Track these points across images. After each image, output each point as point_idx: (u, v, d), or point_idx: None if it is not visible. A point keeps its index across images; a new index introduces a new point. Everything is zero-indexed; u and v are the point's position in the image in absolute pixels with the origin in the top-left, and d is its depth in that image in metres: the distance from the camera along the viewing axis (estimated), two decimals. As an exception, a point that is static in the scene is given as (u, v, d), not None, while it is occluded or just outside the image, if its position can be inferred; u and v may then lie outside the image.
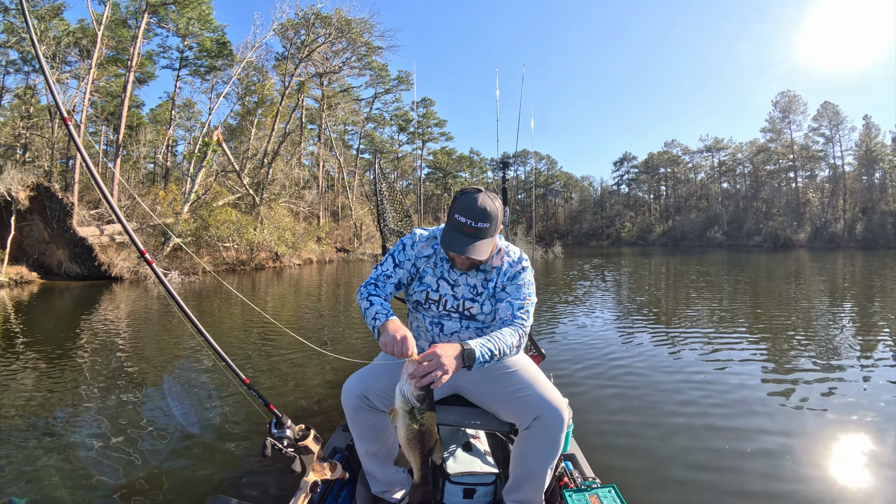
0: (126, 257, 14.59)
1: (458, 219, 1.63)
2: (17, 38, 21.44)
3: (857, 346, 5.55)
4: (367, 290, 1.75)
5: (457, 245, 1.63)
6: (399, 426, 1.44)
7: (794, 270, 17.64)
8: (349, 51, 28.54)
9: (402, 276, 1.83)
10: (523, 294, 1.74)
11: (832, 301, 9.43)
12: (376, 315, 1.61)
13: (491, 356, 1.52)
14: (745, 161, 58.00)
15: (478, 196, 1.65)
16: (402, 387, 1.40)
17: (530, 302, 1.75)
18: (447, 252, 1.75)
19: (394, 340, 1.46)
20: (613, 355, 5.20)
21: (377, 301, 1.68)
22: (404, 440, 1.46)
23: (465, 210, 1.63)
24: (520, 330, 1.66)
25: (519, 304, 1.71)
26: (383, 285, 1.79)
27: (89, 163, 1.57)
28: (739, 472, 2.64)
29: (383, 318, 1.59)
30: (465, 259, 1.71)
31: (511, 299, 1.72)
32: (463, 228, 1.63)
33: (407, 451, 1.48)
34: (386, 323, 1.57)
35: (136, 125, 29.04)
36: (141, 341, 6.27)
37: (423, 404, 1.40)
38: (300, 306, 9.77)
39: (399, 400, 1.41)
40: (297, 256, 21.68)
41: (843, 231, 45.77)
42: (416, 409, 1.40)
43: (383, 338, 1.51)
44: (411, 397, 1.38)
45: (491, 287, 1.78)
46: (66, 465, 2.73)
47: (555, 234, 61.11)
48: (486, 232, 1.64)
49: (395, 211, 3.91)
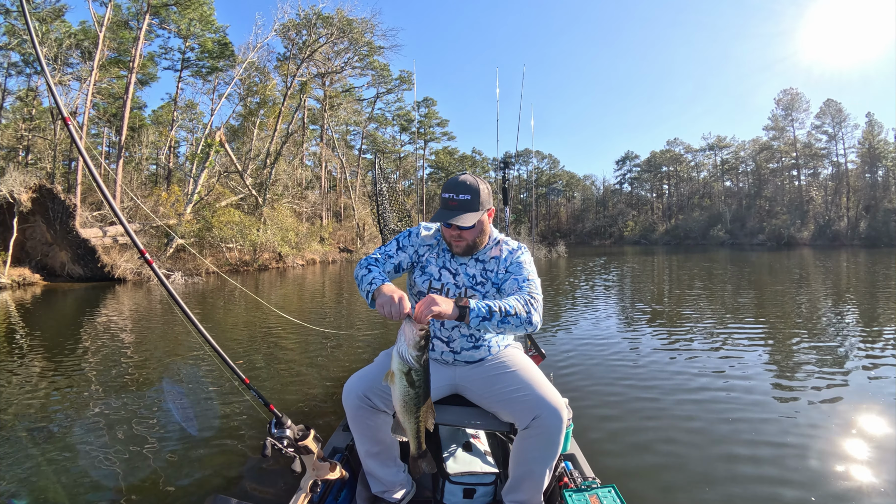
0: (129, 259, 14.62)
1: (444, 196, 1.76)
2: (18, 40, 21.50)
3: (863, 345, 5.52)
4: (367, 261, 1.82)
5: (442, 216, 1.73)
6: (395, 389, 1.45)
7: (797, 269, 17.58)
8: (351, 51, 28.56)
9: (404, 260, 1.88)
10: (526, 269, 1.81)
11: (836, 299, 9.40)
12: (373, 280, 1.66)
13: (489, 312, 1.53)
14: (747, 159, 57.78)
15: (459, 175, 1.78)
16: (401, 348, 1.41)
17: (535, 277, 1.80)
18: (441, 231, 1.86)
19: (390, 301, 1.48)
20: (614, 355, 5.19)
21: (375, 270, 1.74)
22: (400, 403, 1.46)
23: (448, 187, 1.76)
24: (526, 296, 1.66)
25: (524, 277, 1.76)
26: (384, 262, 1.84)
27: (89, 163, 1.58)
28: (740, 471, 2.63)
29: (379, 282, 1.63)
30: (457, 236, 1.79)
31: (515, 276, 1.79)
32: (448, 203, 1.74)
33: (402, 417, 1.48)
34: (381, 286, 1.60)
35: (139, 127, 29.10)
36: (143, 342, 6.28)
37: (420, 366, 1.41)
38: (304, 308, 9.78)
39: (396, 361, 1.42)
40: (300, 257, 21.71)
41: (847, 229, 45.58)
42: (413, 371, 1.41)
43: (380, 299, 1.54)
44: (410, 358, 1.40)
45: (492, 276, 1.84)
46: (66, 466, 2.74)
47: (557, 233, 60.95)
48: (468, 204, 1.73)
49: (395, 211, 3.91)
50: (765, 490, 2.43)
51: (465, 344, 1.86)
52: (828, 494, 2.38)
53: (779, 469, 2.63)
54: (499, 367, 1.84)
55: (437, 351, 1.88)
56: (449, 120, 53.19)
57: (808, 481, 2.51)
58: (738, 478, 2.56)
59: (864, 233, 43.76)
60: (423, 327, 1.39)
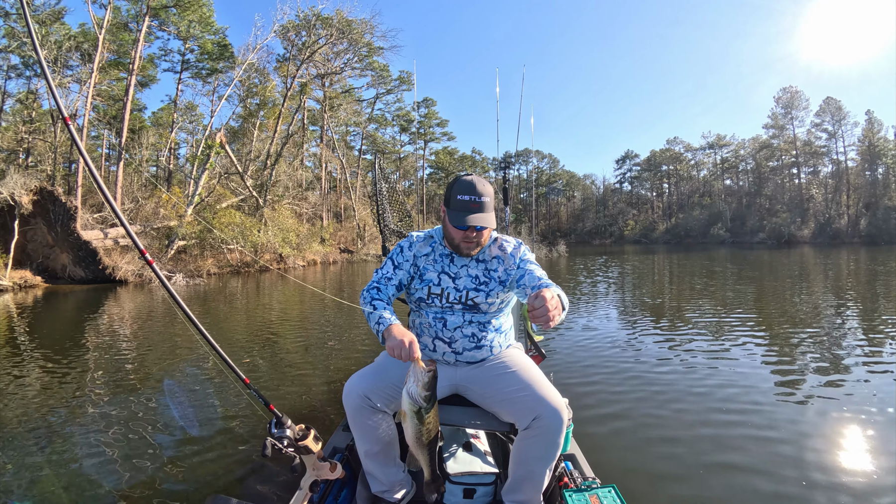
0: (130, 260, 14.63)
1: (461, 198, 1.73)
2: (18, 43, 21.52)
3: (864, 344, 5.52)
4: (370, 294, 1.81)
5: (466, 219, 1.71)
6: (408, 427, 1.48)
7: (797, 267, 17.56)
8: (350, 52, 28.59)
9: (403, 277, 1.88)
10: (533, 263, 1.85)
11: (837, 298, 9.39)
12: (380, 320, 1.68)
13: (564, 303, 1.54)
14: (747, 157, 57.72)
15: (472, 177, 1.76)
16: (410, 388, 1.44)
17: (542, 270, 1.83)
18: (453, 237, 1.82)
19: (401, 345, 1.53)
20: (614, 355, 5.19)
21: (380, 305, 1.74)
22: (413, 440, 1.49)
23: (466, 189, 1.73)
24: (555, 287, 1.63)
25: (539, 270, 1.81)
26: (385, 288, 1.84)
27: (90, 163, 1.58)
28: (741, 472, 2.63)
29: (387, 323, 1.65)
30: (474, 238, 1.78)
31: (529, 270, 1.80)
32: (468, 205, 1.72)
33: (416, 451, 1.52)
34: (390, 327, 1.63)
35: (139, 128, 29.07)
36: (144, 344, 6.29)
37: (429, 404, 1.44)
38: (305, 308, 9.78)
39: (406, 402, 1.45)
40: (300, 258, 21.72)
41: (847, 227, 45.54)
42: (422, 409, 1.44)
43: (389, 342, 1.58)
44: (419, 398, 1.43)
45: (496, 276, 1.85)
46: (67, 467, 2.75)
47: (558, 232, 60.89)
48: (488, 205, 1.74)
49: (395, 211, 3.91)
50: (765, 490, 2.43)
51: (468, 344, 1.86)
52: (828, 495, 2.38)
53: (779, 469, 2.63)
54: (499, 368, 1.85)
55: (440, 352, 1.88)
56: (449, 120, 53.34)
57: (809, 481, 2.51)
58: (739, 478, 2.56)
59: (864, 230, 43.69)
60: (430, 368, 1.44)
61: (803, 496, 2.36)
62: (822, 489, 2.41)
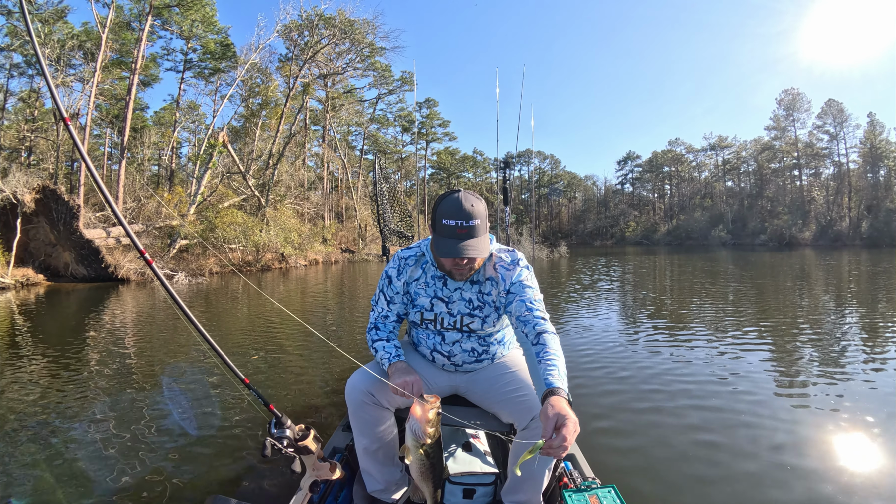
0: (132, 259, 14.66)
1: (446, 223, 1.55)
2: (21, 42, 21.57)
3: (866, 346, 5.51)
4: (371, 336, 1.85)
5: (454, 249, 1.55)
6: (412, 462, 1.50)
7: (798, 269, 17.53)
8: (353, 52, 28.61)
9: (399, 310, 1.86)
10: (529, 289, 1.68)
11: (839, 300, 9.37)
12: (381, 361, 1.76)
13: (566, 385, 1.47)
14: (749, 159, 57.64)
15: (459, 195, 1.57)
16: (413, 426, 1.45)
17: (538, 292, 1.71)
18: (443, 263, 1.68)
19: (404, 384, 1.59)
20: (614, 355, 5.18)
21: (380, 346, 1.78)
22: (417, 474, 1.51)
23: (452, 212, 1.55)
24: (545, 325, 1.56)
25: (529, 298, 1.64)
26: (384, 325, 1.85)
27: (89, 163, 1.58)
28: (741, 472, 2.62)
29: (387, 364, 1.72)
30: (465, 265, 1.64)
31: (520, 297, 1.65)
32: (455, 231, 1.55)
33: (421, 484, 1.54)
34: (392, 366, 1.69)
35: (141, 128, 29.14)
36: (145, 343, 6.30)
37: (433, 440, 1.46)
38: (306, 309, 9.79)
39: (410, 438, 1.46)
40: (302, 257, 21.74)
41: (849, 229, 45.44)
42: (426, 445, 1.45)
43: (394, 380, 1.62)
44: (423, 435, 1.44)
45: (490, 300, 1.75)
46: (66, 466, 2.75)
47: (559, 233, 60.88)
48: (478, 229, 1.57)
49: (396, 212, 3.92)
50: (765, 490, 2.42)
51: (468, 358, 1.86)
52: (829, 495, 2.38)
53: (780, 469, 2.62)
54: (499, 368, 1.85)
55: (438, 363, 1.88)
56: (450, 120, 53.30)
57: (809, 481, 2.50)
58: (738, 477, 2.56)
59: (865, 233, 43.60)
60: (433, 406, 1.45)
61: (804, 497, 2.36)
62: (822, 489, 2.41)
